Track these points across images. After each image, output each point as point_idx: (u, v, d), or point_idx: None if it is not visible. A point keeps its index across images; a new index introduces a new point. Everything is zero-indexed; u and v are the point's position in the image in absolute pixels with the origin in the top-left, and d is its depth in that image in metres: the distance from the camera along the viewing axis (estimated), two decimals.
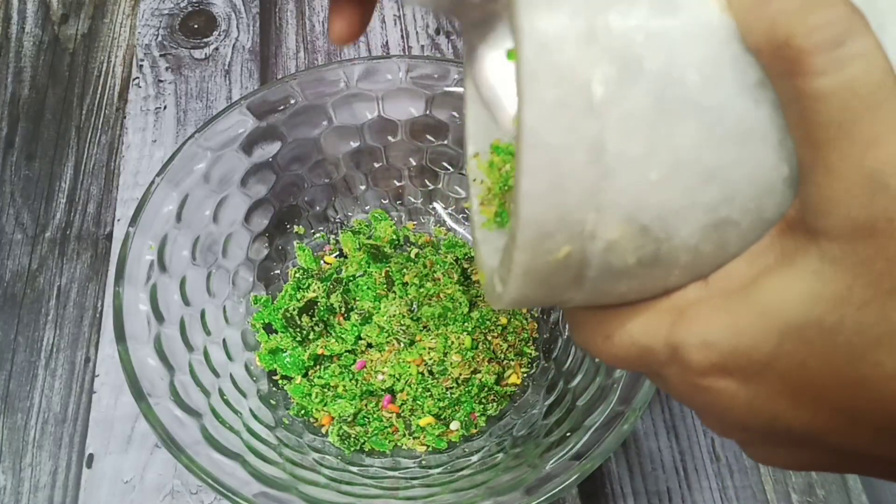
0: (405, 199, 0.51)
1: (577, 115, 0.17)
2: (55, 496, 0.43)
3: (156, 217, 0.40)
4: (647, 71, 0.17)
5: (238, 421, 0.38)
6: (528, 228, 0.18)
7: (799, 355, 0.18)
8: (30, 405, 0.46)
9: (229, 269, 0.45)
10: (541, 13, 0.17)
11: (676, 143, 0.17)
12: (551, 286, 0.20)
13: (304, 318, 0.45)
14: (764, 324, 0.18)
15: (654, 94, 0.17)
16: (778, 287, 0.18)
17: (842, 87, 0.16)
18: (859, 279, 0.17)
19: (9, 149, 0.56)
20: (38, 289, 0.50)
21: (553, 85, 0.17)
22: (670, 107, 0.17)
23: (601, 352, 0.22)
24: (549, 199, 0.17)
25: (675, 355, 0.19)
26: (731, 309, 0.19)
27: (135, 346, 0.36)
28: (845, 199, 0.17)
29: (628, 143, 0.17)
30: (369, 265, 0.48)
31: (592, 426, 0.35)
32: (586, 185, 0.17)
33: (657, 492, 0.44)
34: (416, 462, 0.42)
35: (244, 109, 0.43)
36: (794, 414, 0.19)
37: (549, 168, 0.17)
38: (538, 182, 0.17)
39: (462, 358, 0.44)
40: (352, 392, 0.43)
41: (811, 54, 0.16)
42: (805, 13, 0.16)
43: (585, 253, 0.18)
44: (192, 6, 0.64)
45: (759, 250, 0.19)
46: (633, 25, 0.17)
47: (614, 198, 0.18)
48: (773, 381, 0.19)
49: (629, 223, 0.18)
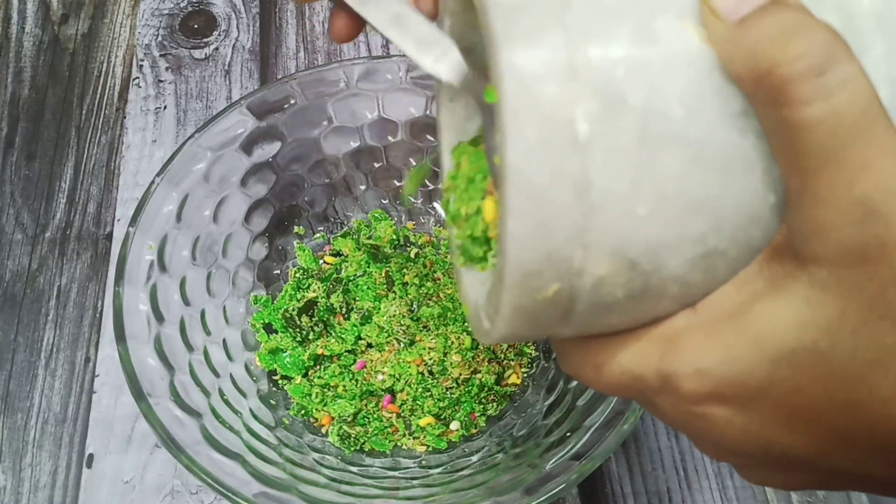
0: (405, 199, 0.51)
1: (561, 153, 0.17)
2: (55, 496, 0.43)
3: (156, 217, 0.40)
4: (631, 106, 0.17)
5: (238, 421, 0.38)
6: (515, 268, 0.18)
7: (793, 381, 0.18)
8: (30, 405, 0.46)
9: (229, 269, 0.45)
10: (520, 49, 0.17)
11: (662, 177, 0.17)
12: (540, 322, 0.20)
13: (304, 318, 0.45)
14: (757, 351, 0.18)
15: (638, 128, 0.17)
16: (769, 313, 0.18)
17: (828, 115, 0.16)
18: (852, 304, 0.17)
19: (9, 149, 0.56)
20: (38, 289, 0.50)
21: (536, 123, 0.17)
22: (655, 140, 0.17)
23: (592, 381, 0.22)
24: (535, 239, 0.17)
25: (668, 384, 0.19)
26: (722, 337, 0.19)
27: (135, 346, 0.36)
28: (835, 225, 0.16)
29: (614, 178, 0.17)
30: (369, 265, 0.48)
31: (592, 426, 0.35)
32: (572, 223, 0.17)
33: (657, 492, 0.44)
34: (416, 462, 0.42)
35: (244, 109, 0.43)
36: (789, 439, 0.19)
37: (535, 208, 0.17)
38: (524, 223, 0.17)
39: (462, 358, 0.44)
40: (352, 392, 0.43)
41: (795, 83, 0.16)
42: (786, 41, 0.16)
43: (574, 289, 0.18)
44: (192, 6, 0.64)
45: (748, 277, 0.19)
46: (614, 59, 0.17)
47: (601, 234, 0.17)
48: (768, 407, 0.19)
49: (617, 258, 0.18)
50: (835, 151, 0.16)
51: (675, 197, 0.17)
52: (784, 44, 0.16)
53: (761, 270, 0.19)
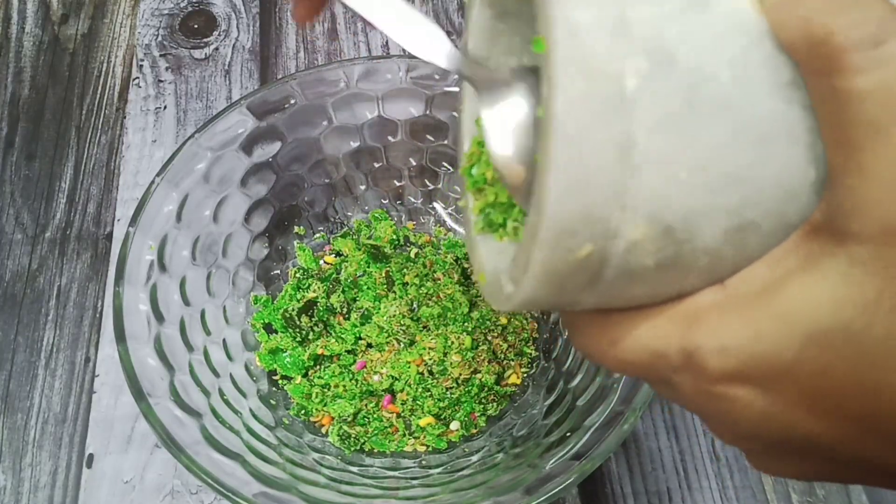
0: (405, 199, 0.51)
1: (608, 107, 0.16)
2: (55, 496, 0.43)
3: (156, 217, 0.40)
4: (680, 66, 0.17)
5: (238, 421, 0.38)
6: (553, 225, 0.17)
7: (821, 361, 0.17)
8: (30, 405, 0.46)
9: (229, 269, 0.45)
10: (571, 2, 0.17)
11: (706, 142, 0.17)
12: (565, 287, 0.19)
13: (304, 319, 0.45)
14: (786, 329, 0.17)
15: (685, 89, 0.17)
16: (801, 291, 0.17)
17: (880, 87, 0.16)
18: (892, 283, 0.16)
19: (9, 149, 0.56)
20: (38, 289, 0.50)
21: (585, 75, 0.16)
22: (701, 103, 0.17)
23: (606, 357, 0.21)
24: (575, 194, 0.17)
25: (690, 361, 0.19)
26: (750, 313, 0.18)
27: (135, 346, 0.36)
28: (879, 202, 0.16)
29: (658, 138, 0.17)
30: (369, 265, 0.48)
31: (592, 426, 0.35)
32: (614, 182, 0.17)
33: (657, 492, 0.44)
34: (416, 462, 0.42)
35: (244, 109, 0.43)
36: (811, 423, 0.18)
37: (577, 162, 0.16)
38: (565, 176, 0.16)
39: (462, 358, 0.44)
40: (352, 392, 0.43)
41: (849, 52, 0.16)
42: (842, 10, 0.16)
43: (606, 253, 0.18)
44: (192, 6, 0.64)
45: (781, 254, 0.18)
46: (666, 18, 0.17)
47: (641, 195, 0.17)
48: (792, 388, 0.18)
49: (653, 223, 0.17)
50: (885, 125, 0.16)
51: (716, 163, 0.17)
52: (841, 12, 0.16)
53: (796, 247, 0.18)
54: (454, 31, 0.62)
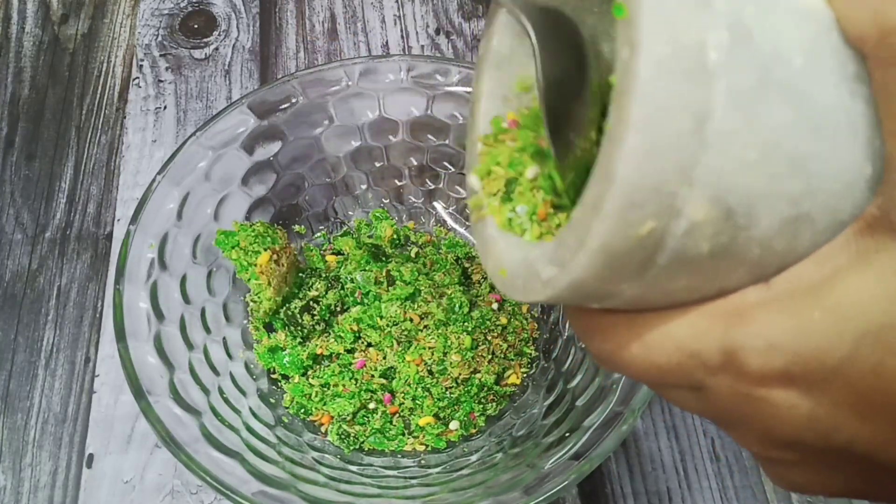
0: (405, 199, 0.51)
1: (689, 76, 0.16)
2: (55, 496, 0.43)
3: (156, 215, 0.40)
4: (757, 44, 0.16)
5: (237, 419, 0.38)
6: (623, 192, 0.16)
7: (874, 359, 0.17)
8: (30, 405, 0.46)
9: (230, 268, 0.45)
10: None
11: (774, 124, 0.17)
12: (616, 271, 0.18)
13: (306, 317, 0.45)
14: (838, 326, 0.17)
15: (761, 68, 0.16)
16: (854, 287, 0.17)
17: None
18: None
19: (9, 149, 0.56)
20: (38, 289, 0.50)
21: (669, 40, 0.16)
22: (774, 85, 0.17)
23: (633, 359, 0.19)
24: (648, 162, 0.16)
25: (730, 361, 0.18)
26: (798, 310, 0.17)
27: (135, 345, 0.36)
28: None
29: (733, 115, 0.16)
30: (369, 264, 0.48)
31: (591, 426, 0.35)
32: (686, 155, 0.16)
33: (657, 492, 0.44)
34: (415, 461, 0.42)
35: (245, 108, 0.44)
36: (856, 425, 0.18)
37: (656, 128, 0.16)
38: (642, 142, 0.16)
39: (462, 358, 0.44)
40: (351, 391, 0.43)
41: None
42: None
43: (666, 233, 0.17)
44: (192, 6, 0.64)
45: (831, 251, 0.18)
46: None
47: (709, 172, 0.16)
48: (840, 389, 0.17)
49: (717, 204, 0.17)
50: None
51: (782, 148, 0.17)
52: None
53: (848, 244, 0.18)
54: (454, 32, 0.62)
